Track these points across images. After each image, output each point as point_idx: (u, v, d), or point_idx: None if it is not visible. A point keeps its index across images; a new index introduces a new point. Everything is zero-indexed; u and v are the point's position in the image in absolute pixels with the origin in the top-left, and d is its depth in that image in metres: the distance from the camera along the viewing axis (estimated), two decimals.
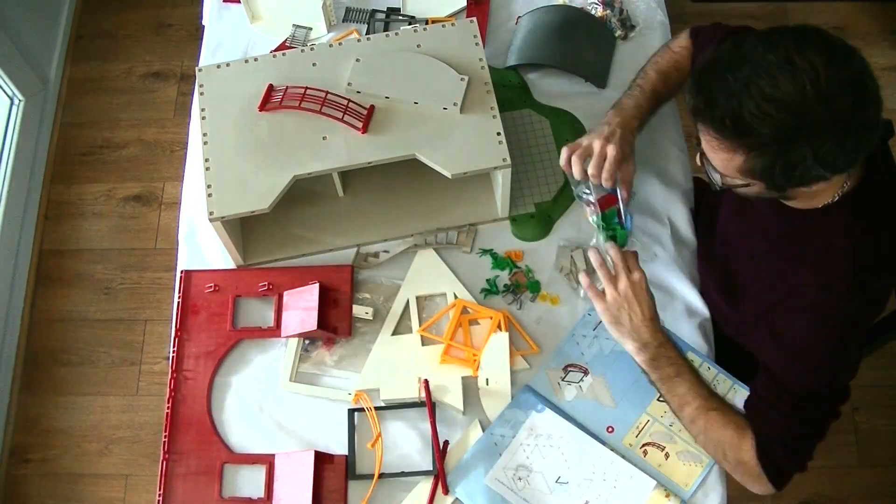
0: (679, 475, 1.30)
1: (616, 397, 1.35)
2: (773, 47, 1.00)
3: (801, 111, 0.98)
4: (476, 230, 1.49)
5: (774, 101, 0.98)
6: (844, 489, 2.10)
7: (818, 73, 0.97)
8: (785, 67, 0.98)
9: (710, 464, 1.30)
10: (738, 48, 1.03)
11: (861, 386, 2.18)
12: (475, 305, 1.42)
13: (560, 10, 1.66)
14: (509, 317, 1.40)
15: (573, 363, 1.38)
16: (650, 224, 1.49)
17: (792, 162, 1.02)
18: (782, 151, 1.01)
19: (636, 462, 1.30)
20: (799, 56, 0.98)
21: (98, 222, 2.46)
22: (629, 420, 1.33)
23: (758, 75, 0.99)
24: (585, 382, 1.36)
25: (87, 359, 2.28)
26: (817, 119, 0.98)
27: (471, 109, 1.39)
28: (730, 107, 1.01)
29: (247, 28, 1.72)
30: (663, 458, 1.31)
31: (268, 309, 1.45)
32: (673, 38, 1.50)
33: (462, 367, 1.37)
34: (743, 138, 1.02)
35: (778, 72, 0.98)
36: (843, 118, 0.98)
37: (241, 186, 1.34)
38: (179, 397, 1.38)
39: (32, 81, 2.48)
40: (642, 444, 1.32)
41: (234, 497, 1.32)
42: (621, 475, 1.29)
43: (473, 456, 1.31)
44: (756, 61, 1.00)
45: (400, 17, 1.70)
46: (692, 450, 1.31)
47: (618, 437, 1.32)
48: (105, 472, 2.17)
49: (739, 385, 1.34)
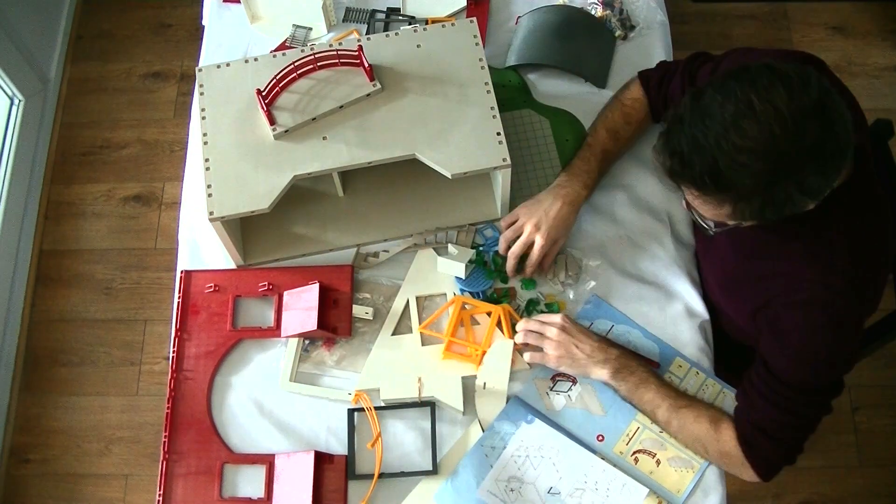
0: (671, 481, 1.30)
1: (605, 405, 1.35)
2: (730, 96, 1.00)
3: (774, 153, 0.98)
4: (476, 230, 1.49)
5: (747, 151, 0.99)
6: (844, 489, 2.10)
7: (781, 112, 0.98)
8: (748, 115, 0.99)
9: (701, 468, 1.30)
10: (697, 102, 1.03)
11: (861, 386, 2.18)
12: (474, 301, 1.42)
13: (560, 10, 1.66)
14: (511, 312, 1.40)
15: (561, 372, 1.37)
16: (650, 224, 1.49)
17: (779, 200, 1.03)
18: (768, 194, 1.02)
19: (627, 470, 1.30)
20: (758, 99, 0.99)
21: (98, 222, 2.46)
22: (619, 428, 1.33)
23: (724, 128, 0.99)
24: (574, 391, 1.36)
25: (87, 359, 2.28)
26: (792, 156, 0.99)
27: (471, 109, 1.39)
28: (706, 164, 1.01)
29: (247, 28, 1.72)
30: (654, 464, 1.31)
31: (268, 309, 1.45)
32: (623, 88, 1.51)
33: (465, 362, 1.37)
34: (726, 192, 1.03)
35: (741, 121, 0.99)
36: (816, 148, 0.99)
37: (241, 186, 1.34)
38: (179, 397, 1.38)
39: (32, 81, 2.48)
40: (633, 451, 1.32)
41: (234, 497, 1.32)
42: (613, 483, 1.28)
43: (465, 468, 1.30)
44: (718, 114, 1.00)
45: (400, 17, 1.70)
46: (683, 455, 1.31)
47: (608, 446, 1.32)
48: (105, 472, 2.17)
49: (728, 389, 1.35)
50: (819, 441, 2.14)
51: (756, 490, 2.08)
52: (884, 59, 2.60)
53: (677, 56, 1.69)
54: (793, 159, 0.99)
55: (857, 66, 2.56)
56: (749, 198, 1.03)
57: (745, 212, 1.06)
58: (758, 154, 0.99)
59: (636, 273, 1.45)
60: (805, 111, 0.98)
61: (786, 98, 0.98)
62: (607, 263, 1.46)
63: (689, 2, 2.71)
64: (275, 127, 1.37)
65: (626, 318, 1.40)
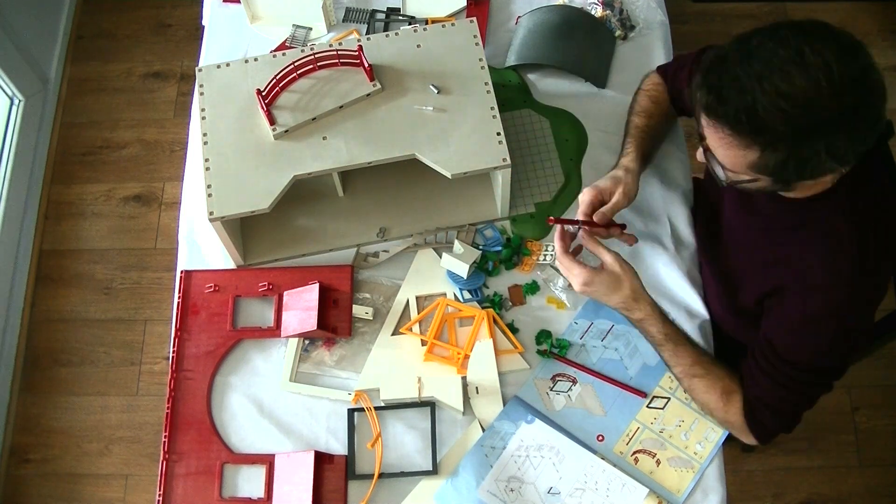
0: (671, 481, 1.30)
1: (605, 405, 1.35)
2: (782, 42, 1.00)
3: (815, 107, 0.98)
4: (476, 230, 1.49)
5: (789, 97, 0.98)
6: (844, 489, 2.10)
7: (831, 69, 0.97)
8: (797, 63, 0.98)
9: (701, 468, 1.30)
10: (744, 44, 1.03)
11: (861, 386, 2.18)
12: (458, 304, 1.42)
13: (560, 10, 1.66)
14: (494, 316, 1.40)
15: (561, 372, 1.37)
16: (650, 224, 1.49)
17: (805, 157, 1.03)
18: (796, 147, 1.02)
19: (627, 470, 1.30)
20: (810, 51, 0.98)
21: (98, 222, 2.46)
22: (619, 428, 1.33)
23: (770, 71, 0.99)
24: (574, 391, 1.36)
25: (87, 359, 2.28)
26: (831, 114, 0.99)
27: (471, 109, 1.39)
28: (744, 103, 1.01)
29: (247, 28, 1.72)
30: (654, 464, 1.31)
31: (268, 309, 1.45)
32: (643, 80, 1.51)
33: (446, 365, 1.37)
34: (757, 135, 1.03)
35: (790, 67, 0.98)
36: (854, 112, 0.99)
37: (241, 186, 1.34)
38: (179, 397, 1.38)
39: (32, 81, 2.48)
40: (633, 451, 1.32)
41: (234, 497, 1.32)
42: (613, 483, 1.29)
43: (465, 468, 1.30)
44: (766, 57, 1.00)
45: (400, 17, 1.70)
46: (683, 456, 1.31)
47: (608, 446, 1.32)
48: (105, 472, 2.17)
49: None
50: (819, 441, 2.15)
51: (756, 490, 2.09)
52: (884, 59, 2.60)
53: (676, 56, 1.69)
54: (830, 117, 0.99)
55: None
56: (777, 147, 1.02)
57: (770, 162, 1.04)
58: (799, 103, 0.98)
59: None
60: (853, 74, 0.98)
61: (836, 57, 0.98)
62: None
63: (689, 2, 2.71)
64: (275, 127, 1.37)
65: (625, 318, 1.40)
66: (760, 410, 1.25)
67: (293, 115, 1.38)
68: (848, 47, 1.00)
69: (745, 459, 2.12)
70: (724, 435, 1.33)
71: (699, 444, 1.32)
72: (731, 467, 1.63)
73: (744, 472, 2.10)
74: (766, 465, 2.12)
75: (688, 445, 1.32)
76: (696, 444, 1.32)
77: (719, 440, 1.33)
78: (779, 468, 2.12)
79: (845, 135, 1.01)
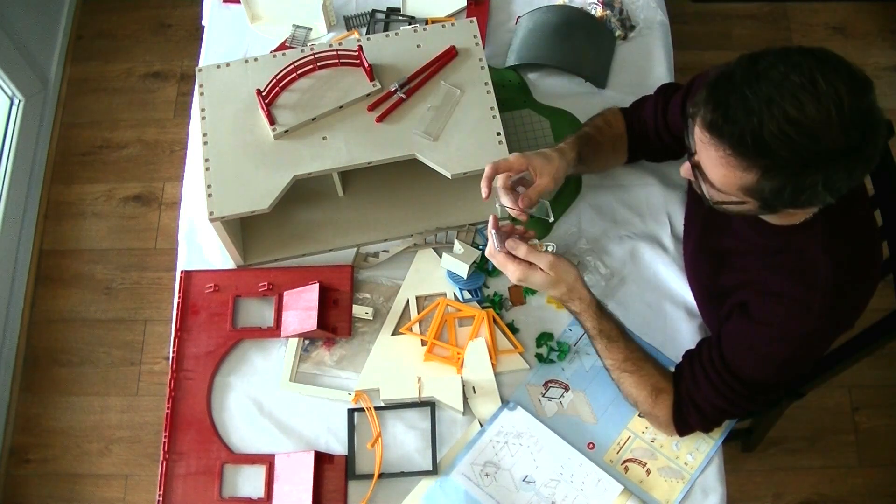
0: (660, 492, 1.30)
1: (597, 413, 1.35)
2: (794, 67, 0.97)
3: (822, 137, 0.96)
4: (476, 230, 1.49)
5: (797, 124, 0.96)
6: (844, 489, 2.10)
7: (841, 101, 0.95)
8: (809, 91, 0.96)
9: (692, 479, 1.30)
10: (753, 64, 1.00)
11: (861, 386, 2.18)
12: (458, 304, 1.42)
13: (560, 10, 1.66)
14: (494, 316, 1.40)
15: (553, 379, 1.37)
16: (650, 224, 1.50)
17: (802, 187, 1.01)
18: (795, 175, 1.00)
19: (618, 479, 1.30)
20: (823, 80, 0.96)
21: (98, 222, 2.46)
22: (610, 436, 1.33)
23: (780, 95, 0.97)
24: (566, 398, 1.36)
25: (87, 359, 2.28)
26: (836, 147, 0.97)
27: (471, 109, 1.39)
28: (750, 125, 0.98)
29: (247, 28, 1.72)
30: (644, 474, 1.31)
31: (268, 309, 1.45)
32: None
33: (446, 365, 1.37)
34: (760, 158, 1.00)
35: (802, 94, 0.96)
36: (858, 148, 0.97)
37: (241, 186, 1.34)
38: (179, 397, 1.38)
39: (32, 81, 2.48)
40: (623, 460, 1.32)
41: (234, 497, 1.32)
42: (589, 478, 1.29)
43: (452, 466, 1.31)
44: (777, 80, 0.97)
45: (400, 17, 1.70)
46: (673, 466, 1.31)
47: (599, 454, 1.32)
48: (105, 472, 2.16)
49: None
50: (819, 441, 2.15)
51: (756, 490, 2.09)
52: (884, 59, 2.60)
53: (676, 56, 1.70)
54: (835, 150, 0.97)
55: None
56: (777, 173, 1.00)
57: (766, 188, 1.03)
58: (806, 132, 0.96)
59: (636, 273, 1.45)
60: (862, 109, 0.97)
61: (848, 89, 0.96)
62: (607, 264, 1.46)
63: (689, 2, 2.71)
64: (275, 127, 1.37)
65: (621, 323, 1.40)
66: (689, 410, 1.26)
67: (293, 115, 1.38)
68: (859, 81, 0.98)
69: (745, 459, 2.12)
70: (715, 446, 1.33)
71: (690, 454, 1.32)
72: (731, 467, 1.62)
73: (744, 472, 2.10)
74: (766, 465, 2.12)
75: (678, 456, 1.32)
76: (687, 455, 1.32)
77: (710, 451, 1.32)
78: (779, 468, 2.11)
79: (845, 169, 0.99)
